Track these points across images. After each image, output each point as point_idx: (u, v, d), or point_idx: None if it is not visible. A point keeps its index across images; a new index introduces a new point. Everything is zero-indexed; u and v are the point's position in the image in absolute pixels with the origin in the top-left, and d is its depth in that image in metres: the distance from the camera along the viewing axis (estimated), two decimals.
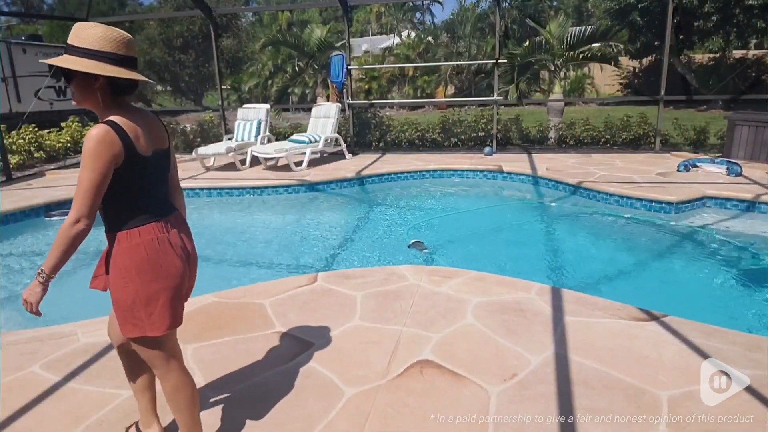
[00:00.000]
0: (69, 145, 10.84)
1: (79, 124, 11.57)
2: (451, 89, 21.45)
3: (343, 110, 9.34)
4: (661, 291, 4.14)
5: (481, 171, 7.71)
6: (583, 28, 10.52)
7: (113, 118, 1.64)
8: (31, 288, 1.68)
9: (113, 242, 1.75)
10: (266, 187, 7.09)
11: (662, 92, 8.76)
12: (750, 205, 5.55)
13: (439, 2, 32.86)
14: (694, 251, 4.90)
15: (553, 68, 11.06)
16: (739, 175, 6.43)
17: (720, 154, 7.84)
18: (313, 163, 8.12)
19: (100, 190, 1.61)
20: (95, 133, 1.58)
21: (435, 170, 7.83)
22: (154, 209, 1.78)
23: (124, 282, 1.72)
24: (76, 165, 9.61)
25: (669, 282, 4.34)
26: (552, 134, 10.01)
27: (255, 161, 8.37)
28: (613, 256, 4.96)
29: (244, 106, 9.28)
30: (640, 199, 5.78)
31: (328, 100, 14.27)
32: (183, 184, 7.40)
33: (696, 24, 15.85)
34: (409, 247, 5.03)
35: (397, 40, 24.71)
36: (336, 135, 8.65)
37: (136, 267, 1.71)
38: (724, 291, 4.14)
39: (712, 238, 5.12)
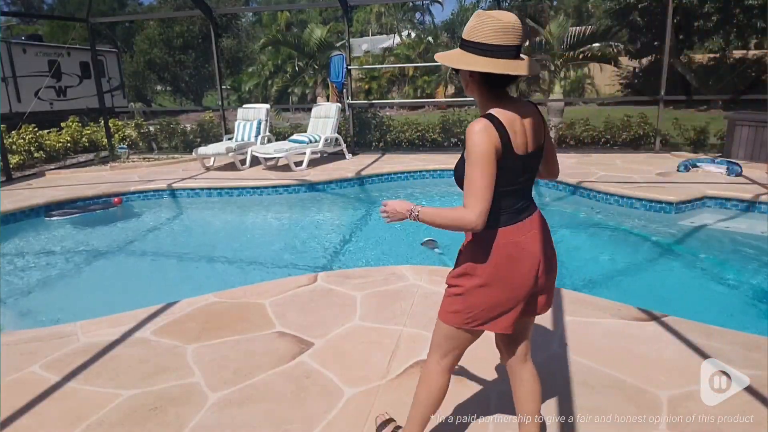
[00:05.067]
0: (69, 145, 10.84)
1: (79, 124, 11.57)
2: (451, 89, 21.44)
3: (343, 110, 9.34)
4: (662, 291, 4.14)
5: None
6: (583, 28, 10.55)
7: (492, 111, 1.57)
8: (399, 208, 1.68)
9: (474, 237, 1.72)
10: (266, 187, 7.09)
11: (662, 92, 8.76)
12: (750, 205, 5.55)
13: (439, 2, 32.84)
14: (694, 251, 4.89)
15: (553, 68, 11.06)
16: (739, 175, 6.43)
17: (720, 154, 7.84)
18: (313, 163, 8.12)
19: (492, 185, 1.53)
20: (477, 128, 1.51)
21: (435, 170, 7.82)
22: (516, 210, 1.67)
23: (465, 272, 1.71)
24: (76, 165, 9.62)
25: (669, 282, 4.34)
26: (552, 134, 10.01)
27: (255, 161, 8.37)
28: (613, 256, 4.96)
29: (244, 106, 9.28)
30: (640, 199, 5.77)
31: (328, 100, 14.28)
32: (183, 184, 7.34)
33: (696, 24, 15.85)
34: (422, 244, 5.02)
35: (397, 40, 24.71)
36: (336, 135, 8.65)
37: (488, 266, 1.66)
38: (724, 291, 4.14)
39: (712, 238, 5.12)
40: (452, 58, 1.58)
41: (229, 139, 8.98)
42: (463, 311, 1.71)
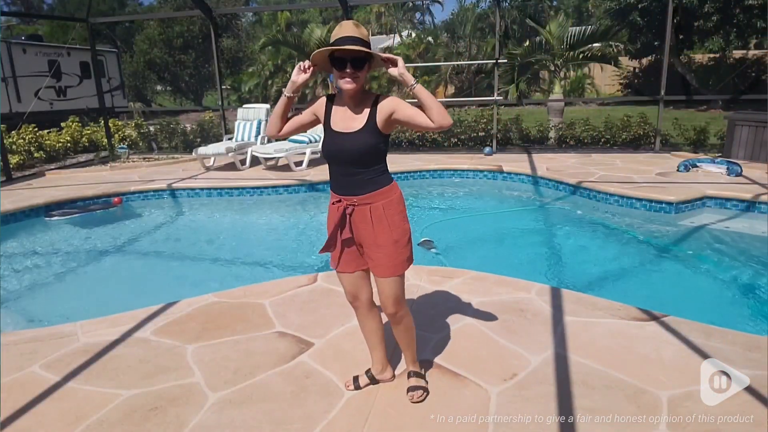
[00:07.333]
0: (69, 145, 10.84)
1: (79, 124, 11.57)
2: (451, 89, 21.45)
3: None
4: (661, 291, 4.14)
5: (481, 171, 7.71)
6: (583, 28, 10.51)
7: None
8: (407, 74, 2.09)
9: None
10: (266, 187, 7.09)
11: (662, 92, 8.76)
12: (750, 205, 5.55)
13: (439, 2, 32.87)
14: (694, 251, 4.89)
15: (553, 68, 11.05)
16: (739, 175, 6.43)
17: (720, 154, 7.84)
18: (313, 163, 8.12)
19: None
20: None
21: (435, 170, 7.83)
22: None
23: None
24: (76, 165, 9.62)
25: (669, 282, 4.34)
26: (552, 134, 10.00)
27: (255, 161, 8.37)
28: (613, 256, 4.96)
29: (244, 106, 9.28)
30: (640, 199, 5.77)
31: None
32: (183, 184, 7.33)
33: (696, 24, 15.85)
34: (418, 245, 5.02)
35: (397, 40, 24.70)
36: None
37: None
38: (724, 291, 4.14)
39: (712, 238, 5.12)
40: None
41: (229, 139, 8.98)
42: (410, 255, 2.23)
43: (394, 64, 2.06)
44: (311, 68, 2.06)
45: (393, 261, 2.14)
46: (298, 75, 2.07)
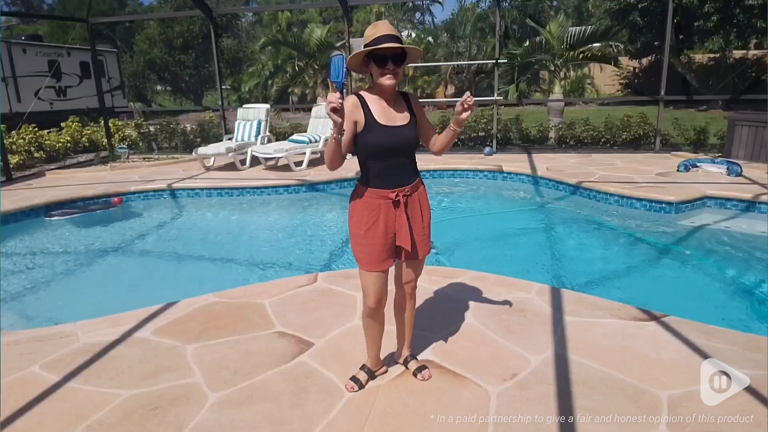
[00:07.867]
0: (69, 145, 10.84)
1: (79, 124, 11.56)
2: (451, 89, 21.45)
3: None
4: (661, 291, 4.14)
5: (481, 171, 7.71)
6: (583, 28, 10.52)
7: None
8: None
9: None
10: (266, 187, 7.09)
11: (662, 92, 8.76)
12: (750, 205, 5.55)
13: (439, 2, 32.86)
14: (694, 251, 4.90)
15: (553, 68, 11.06)
16: (739, 175, 6.43)
17: (720, 154, 7.84)
18: (313, 163, 8.12)
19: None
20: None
21: (435, 170, 7.82)
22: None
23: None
24: (76, 165, 9.62)
25: (669, 282, 4.34)
26: (552, 134, 10.00)
27: (255, 161, 8.37)
28: (613, 256, 4.96)
29: (244, 106, 9.28)
30: (640, 199, 5.77)
31: None
32: (183, 184, 7.31)
33: (696, 24, 15.86)
34: None
35: None
36: None
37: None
38: (724, 291, 4.14)
39: (712, 238, 5.12)
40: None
41: (229, 139, 8.98)
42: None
43: (469, 109, 2.07)
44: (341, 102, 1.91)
45: (428, 237, 2.36)
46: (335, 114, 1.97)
